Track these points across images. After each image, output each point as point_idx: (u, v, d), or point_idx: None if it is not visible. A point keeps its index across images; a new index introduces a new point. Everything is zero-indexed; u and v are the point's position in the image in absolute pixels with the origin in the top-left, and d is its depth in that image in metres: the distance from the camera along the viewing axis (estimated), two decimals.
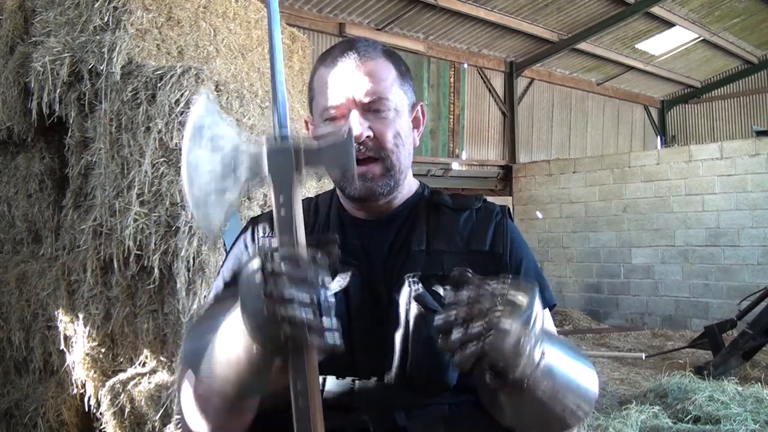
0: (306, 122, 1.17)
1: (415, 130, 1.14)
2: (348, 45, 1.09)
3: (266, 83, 3.88)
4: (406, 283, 1.02)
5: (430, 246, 1.08)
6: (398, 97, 1.08)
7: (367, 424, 0.99)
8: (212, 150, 0.88)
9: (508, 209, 1.16)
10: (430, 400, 1.02)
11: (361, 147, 1.03)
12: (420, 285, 1.02)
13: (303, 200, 1.21)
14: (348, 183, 1.04)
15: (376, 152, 1.05)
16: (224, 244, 2.58)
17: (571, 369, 0.94)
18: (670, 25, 10.92)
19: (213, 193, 0.88)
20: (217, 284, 1.14)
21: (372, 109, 1.04)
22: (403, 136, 1.07)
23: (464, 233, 1.09)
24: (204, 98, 0.91)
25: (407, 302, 1.01)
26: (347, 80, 1.05)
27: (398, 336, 1.01)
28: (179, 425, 0.92)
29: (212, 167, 0.88)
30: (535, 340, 0.81)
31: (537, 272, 1.13)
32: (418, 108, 1.15)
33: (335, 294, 1.01)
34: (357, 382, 1.01)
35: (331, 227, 1.12)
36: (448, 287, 0.83)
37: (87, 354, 3.02)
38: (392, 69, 1.09)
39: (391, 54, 1.11)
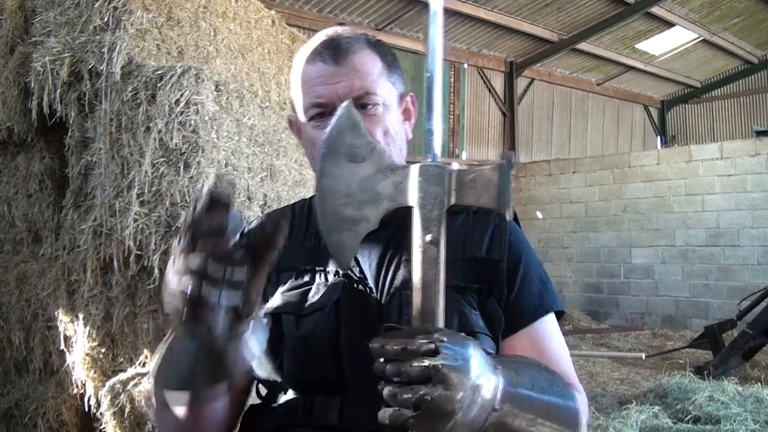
0: (290, 121, 1.10)
1: (406, 123, 1.08)
2: (330, 38, 1.03)
3: (266, 83, 3.88)
4: (398, 296, 0.96)
5: None
6: (386, 90, 1.02)
7: None
8: (350, 162, 0.81)
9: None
10: None
11: None
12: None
13: (297, 202, 1.15)
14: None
15: None
16: None
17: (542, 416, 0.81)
18: (670, 25, 10.92)
19: (348, 221, 0.81)
20: None
21: (358, 105, 0.97)
22: (393, 132, 1.02)
23: (460, 238, 1.01)
24: (346, 108, 0.83)
25: (398, 317, 0.94)
26: (330, 77, 0.99)
27: None
28: None
29: (349, 187, 0.81)
30: (475, 407, 0.72)
31: (540, 277, 1.06)
32: (408, 98, 1.08)
33: (324, 308, 0.96)
34: (346, 402, 0.93)
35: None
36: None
37: (87, 354, 3.02)
38: (378, 61, 1.03)
39: (375, 44, 1.05)
